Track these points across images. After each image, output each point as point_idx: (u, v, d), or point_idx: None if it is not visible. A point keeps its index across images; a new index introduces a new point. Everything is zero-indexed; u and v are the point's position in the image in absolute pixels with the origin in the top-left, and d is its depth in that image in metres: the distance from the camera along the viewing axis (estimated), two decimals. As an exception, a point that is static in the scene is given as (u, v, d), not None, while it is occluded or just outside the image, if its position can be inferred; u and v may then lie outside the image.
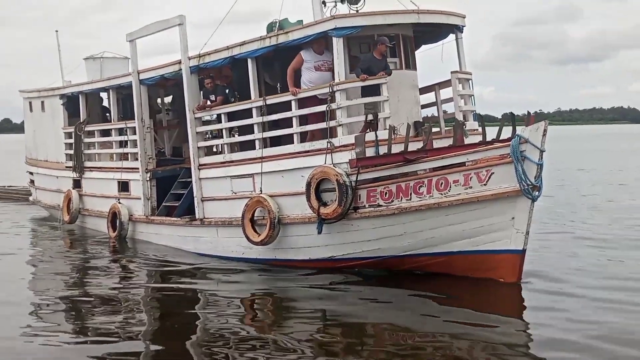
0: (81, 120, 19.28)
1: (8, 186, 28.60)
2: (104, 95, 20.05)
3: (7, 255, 15.61)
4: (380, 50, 12.80)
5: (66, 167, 19.95)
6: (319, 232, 12.30)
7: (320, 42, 12.86)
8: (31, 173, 23.20)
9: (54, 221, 20.67)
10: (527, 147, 10.87)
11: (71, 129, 19.54)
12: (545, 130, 10.81)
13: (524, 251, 11.30)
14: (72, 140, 19.46)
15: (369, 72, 12.43)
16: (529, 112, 12.84)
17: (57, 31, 23.40)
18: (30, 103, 22.45)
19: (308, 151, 12.71)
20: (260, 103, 13.38)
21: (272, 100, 13.37)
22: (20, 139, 29.08)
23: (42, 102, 21.56)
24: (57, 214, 20.47)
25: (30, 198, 23.81)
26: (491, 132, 12.86)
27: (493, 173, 11.14)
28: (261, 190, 13.26)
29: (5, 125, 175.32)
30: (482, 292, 11.34)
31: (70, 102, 20.02)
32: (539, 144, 10.79)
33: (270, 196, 13.03)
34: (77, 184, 19.48)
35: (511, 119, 12.79)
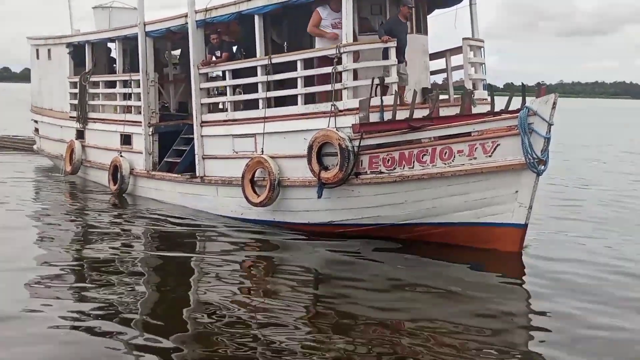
0: (86, 70, 19.05)
1: (13, 135, 28.43)
2: (112, 46, 19.75)
3: (4, 206, 15.35)
4: (404, 12, 12.54)
5: (70, 117, 19.77)
6: (319, 197, 12.11)
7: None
8: (36, 121, 23.01)
9: (58, 171, 20.48)
10: (535, 119, 10.60)
11: (76, 79, 19.31)
12: (554, 103, 10.53)
13: (526, 225, 11.10)
14: (76, 90, 19.25)
15: (391, 34, 12.16)
16: (539, 84, 12.62)
17: None
18: (37, 50, 22.18)
19: (312, 113, 12.46)
20: (266, 62, 13.09)
21: (277, 59, 13.08)
22: (19, 87, 28.83)
23: (49, 50, 21.30)
24: (60, 164, 20.30)
25: (35, 147, 23.65)
26: (500, 103, 12.58)
27: (499, 144, 10.89)
28: (262, 151, 13.06)
29: (4, 74, 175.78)
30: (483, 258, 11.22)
31: (77, 51, 19.75)
32: (547, 117, 10.52)
33: (272, 157, 12.83)
34: (80, 134, 19.31)
35: (521, 90, 12.51)
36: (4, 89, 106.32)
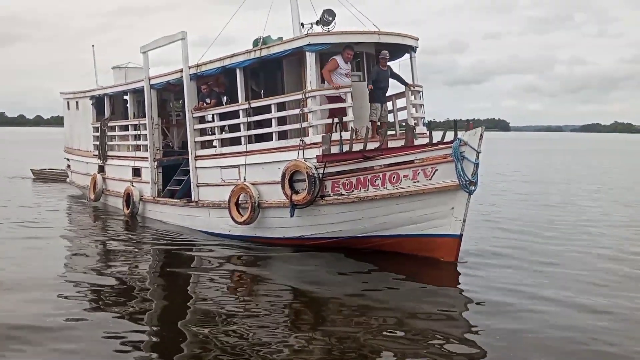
0: (105, 117, 18.09)
1: (49, 169, 27.23)
2: (128, 97, 18.79)
3: (40, 226, 14.38)
4: (382, 62, 11.97)
5: (93, 155, 18.73)
6: (291, 216, 11.22)
7: (349, 52, 11.49)
8: (68, 159, 21.95)
9: (84, 198, 19.40)
10: (466, 148, 9.85)
11: (97, 124, 18.34)
12: (482, 135, 9.79)
13: (461, 236, 10.27)
14: (98, 133, 18.28)
15: (376, 81, 11.79)
16: (468, 120, 11.80)
17: (93, 46, 22.23)
18: (68, 102, 21.17)
19: (284, 147, 11.60)
20: (246, 106, 12.23)
21: (256, 104, 12.22)
22: (31, 131, 27.75)
23: (77, 102, 20.30)
24: (86, 193, 19.22)
25: (68, 180, 22.53)
26: (436, 136, 11.80)
27: (437, 170, 10.10)
28: (245, 179, 12.14)
29: (20, 120, 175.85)
30: (425, 268, 10.31)
31: (99, 102, 18.79)
32: (476, 146, 9.77)
33: (252, 184, 11.93)
34: (101, 169, 18.28)
35: (454, 125, 11.75)
36: (18, 133, 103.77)
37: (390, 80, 12.31)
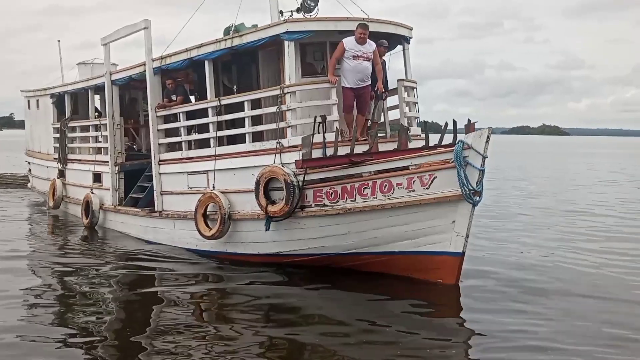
0: (65, 117, 16.48)
1: (10, 173, 25.48)
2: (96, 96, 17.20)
3: None
4: (380, 52, 10.44)
5: (54, 158, 17.11)
6: (267, 229, 9.73)
7: (361, 32, 9.84)
8: (29, 163, 20.29)
9: (45, 206, 17.77)
10: (470, 152, 8.42)
11: (57, 125, 16.72)
12: (488, 137, 8.37)
13: (463, 254, 8.82)
14: (58, 135, 16.65)
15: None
16: (469, 120, 10.34)
17: (59, 41, 20.68)
18: (28, 101, 19.54)
19: (259, 150, 10.11)
20: (215, 103, 10.72)
21: (226, 100, 10.72)
22: (20, 134, 26.14)
23: (37, 101, 18.68)
24: (46, 200, 17.60)
25: (28, 185, 20.87)
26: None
27: (435, 177, 8.66)
28: (214, 187, 10.63)
29: (6, 121, 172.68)
30: (421, 291, 8.88)
31: (59, 101, 17.19)
32: (482, 150, 8.34)
33: (223, 192, 10.42)
34: (61, 173, 16.66)
35: (452, 126, 10.36)
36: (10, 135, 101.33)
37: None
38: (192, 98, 12.90)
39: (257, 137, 10.50)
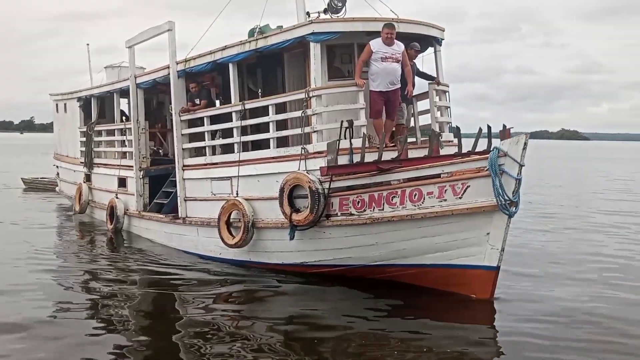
0: (92, 121, 16.44)
1: (41, 177, 25.67)
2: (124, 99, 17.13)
3: (19, 249, 12.26)
4: (410, 55, 10.10)
5: (80, 162, 17.08)
6: (291, 238, 9.40)
7: (387, 32, 9.49)
8: (57, 167, 20.38)
9: (72, 210, 17.76)
10: (506, 160, 7.93)
11: (84, 128, 16.69)
12: (525, 144, 7.87)
13: (498, 268, 8.34)
14: (84, 139, 16.62)
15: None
16: (504, 126, 9.85)
17: (88, 44, 20.74)
18: (57, 105, 19.65)
19: (283, 156, 9.78)
20: (239, 107, 10.43)
21: (251, 104, 10.42)
22: (40, 137, 26.39)
23: (65, 104, 18.75)
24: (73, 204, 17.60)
25: (57, 189, 20.99)
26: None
27: (469, 186, 8.19)
28: (237, 194, 10.33)
29: (26, 124, 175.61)
30: (454, 305, 8.43)
31: (86, 104, 17.17)
32: (518, 157, 7.86)
33: (246, 199, 10.12)
34: (87, 178, 16.64)
35: (487, 132, 9.88)
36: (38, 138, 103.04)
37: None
38: (218, 102, 12.66)
39: (283, 142, 10.18)
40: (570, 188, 28.06)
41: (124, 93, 14.81)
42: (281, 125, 10.19)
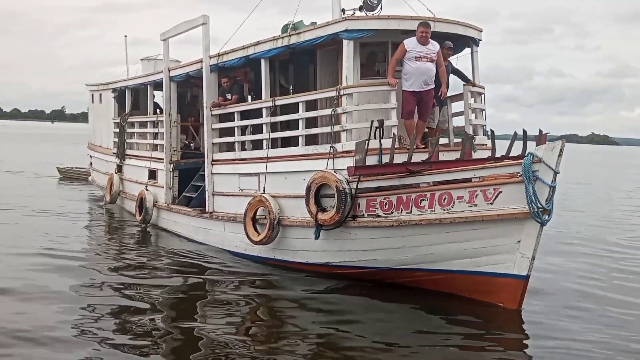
0: (125, 112, 16.62)
1: (76, 167, 26.12)
2: (158, 92, 17.26)
3: (51, 238, 12.36)
4: (443, 54, 9.88)
5: (112, 152, 17.30)
6: (316, 238, 9.31)
7: (422, 30, 9.33)
8: (90, 157, 20.71)
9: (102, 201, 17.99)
10: (541, 167, 7.68)
11: (117, 119, 16.90)
12: (561, 151, 7.61)
13: (527, 277, 8.10)
14: (117, 130, 16.82)
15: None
16: (540, 131, 9.55)
17: (125, 36, 21.06)
18: (92, 95, 19.99)
19: (311, 154, 9.69)
20: (270, 103, 10.38)
21: (281, 101, 10.36)
22: (71, 127, 26.77)
23: (100, 95, 19.03)
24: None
25: (89, 178, 21.35)
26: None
27: (501, 192, 7.97)
28: (264, 190, 10.29)
29: (57, 114, 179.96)
30: (481, 314, 8.23)
31: (120, 96, 17.37)
32: (553, 164, 7.60)
33: (273, 196, 10.07)
34: (119, 168, 16.83)
35: (522, 136, 9.61)
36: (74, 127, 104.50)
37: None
38: (250, 98, 12.63)
39: (312, 140, 10.08)
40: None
41: (158, 86, 14.90)
42: (311, 123, 10.10)
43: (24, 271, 9.60)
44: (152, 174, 14.45)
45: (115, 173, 16.75)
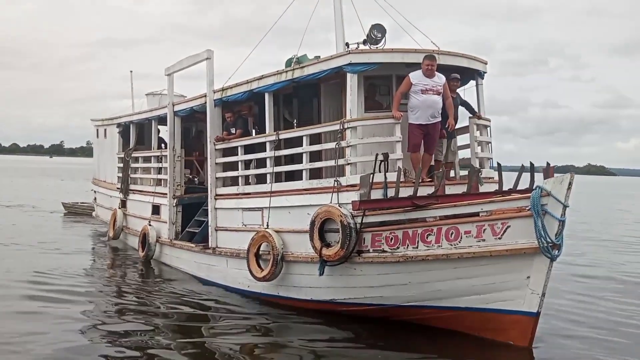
0: (129, 147, 16.62)
1: (80, 202, 26.12)
2: (163, 127, 17.31)
3: (52, 276, 12.23)
4: (451, 87, 9.88)
5: (116, 187, 17.25)
6: (321, 274, 9.11)
7: (428, 63, 9.37)
8: (95, 192, 20.68)
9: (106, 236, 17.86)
10: (549, 200, 7.52)
11: (122, 154, 16.89)
12: (570, 184, 7.46)
13: (538, 314, 7.88)
14: (121, 164, 16.81)
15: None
16: (548, 163, 9.42)
17: (131, 71, 21.21)
18: (97, 130, 20.03)
19: (315, 188, 9.58)
20: (273, 137, 10.32)
21: (285, 135, 10.30)
22: (69, 161, 26.86)
23: (105, 130, 19.08)
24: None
25: (93, 214, 21.27)
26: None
27: (509, 226, 7.80)
28: (268, 225, 10.15)
29: (56, 148, 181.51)
30: (491, 352, 7.99)
31: (125, 130, 17.41)
32: (562, 198, 7.44)
33: (277, 231, 9.92)
34: (123, 204, 16.76)
35: (530, 169, 9.47)
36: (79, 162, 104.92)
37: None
38: (254, 132, 12.60)
39: (316, 174, 9.99)
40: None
41: (162, 120, 14.93)
42: (315, 156, 10.02)
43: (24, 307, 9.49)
44: (156, 209, 14.36)
45: (119, 208, 16.67)
